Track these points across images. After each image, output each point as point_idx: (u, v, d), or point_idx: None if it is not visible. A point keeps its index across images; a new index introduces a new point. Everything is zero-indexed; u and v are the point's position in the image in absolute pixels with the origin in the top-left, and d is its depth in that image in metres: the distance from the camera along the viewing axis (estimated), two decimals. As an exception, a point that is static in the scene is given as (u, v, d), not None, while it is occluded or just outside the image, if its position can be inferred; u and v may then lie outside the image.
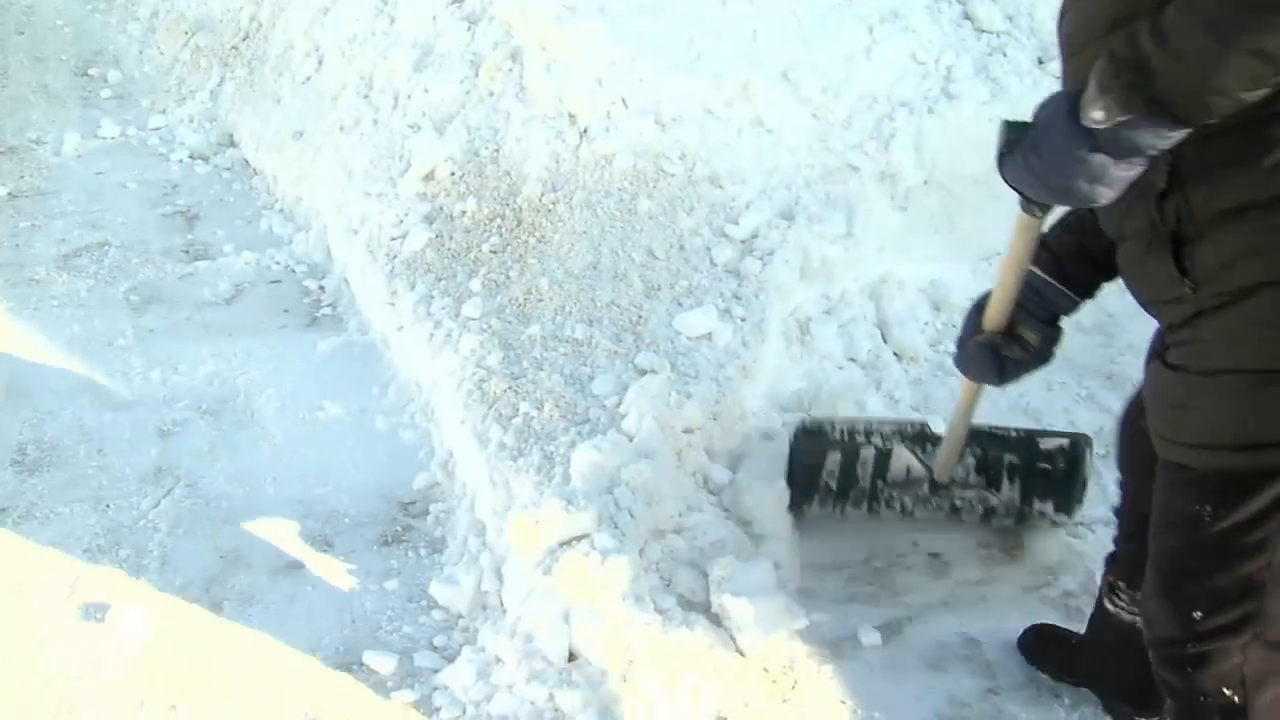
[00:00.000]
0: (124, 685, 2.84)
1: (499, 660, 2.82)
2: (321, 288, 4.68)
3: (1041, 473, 3.24)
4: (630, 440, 3.15)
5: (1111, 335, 4.07)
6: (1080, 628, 2.81)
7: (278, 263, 4.87)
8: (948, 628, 3.03)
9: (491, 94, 4.52)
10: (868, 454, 3.25)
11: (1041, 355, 2.44)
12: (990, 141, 2.32)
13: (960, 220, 4.19)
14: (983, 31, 4.51)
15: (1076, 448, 3.22)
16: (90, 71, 7.06)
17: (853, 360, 3.86)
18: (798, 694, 2.83)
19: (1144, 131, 1.71)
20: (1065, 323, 2.45)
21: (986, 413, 3.00)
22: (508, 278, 3.88)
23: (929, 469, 3.24)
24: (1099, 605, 2.66)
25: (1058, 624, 2.93)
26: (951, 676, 2.89)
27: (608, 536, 2.91)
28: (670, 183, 4.05)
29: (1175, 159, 1.81)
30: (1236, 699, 2.01)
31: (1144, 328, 2.20)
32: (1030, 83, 4.33)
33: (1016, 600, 3.12)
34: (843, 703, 2.81)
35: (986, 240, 4.00)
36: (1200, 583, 1.98)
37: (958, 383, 2.95)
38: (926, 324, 4.04)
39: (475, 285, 3.87)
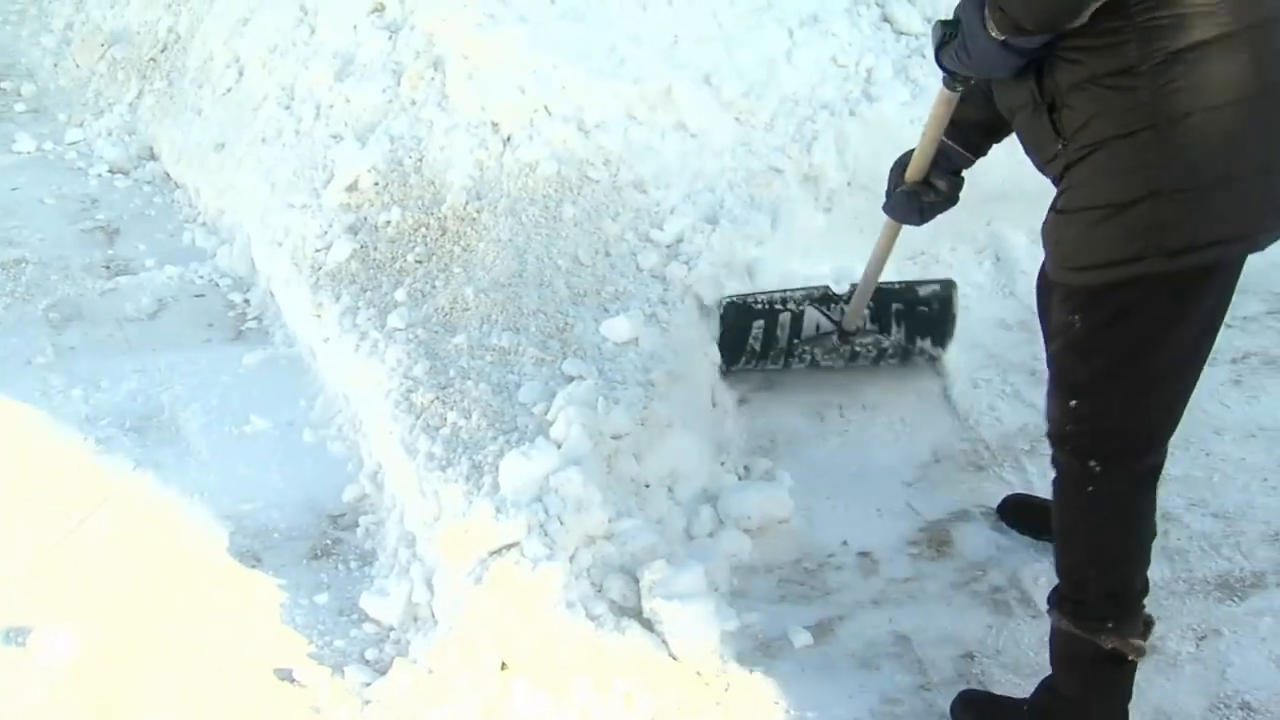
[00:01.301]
0: (48, 708, 2.79)
1: (432, 672, 2.80)
2: (246, 301, 4.62)
3: (921, 314, 3.89)
4: (559, 448, 3.15)
5: (1035, 333, 4.07)
6: (1006, 621, 2.85)
7: (201, 276, 4.78)
8: (878, 626, 3.06)
9: (414, 103, 4.50)
10: (784, 318, 3.80)
11: (951, 199, 2.99)
12: (911, 143, 2.70)
13: (884, 220, 4.22)
14: (902, 34, 4.55)
15: (946, 289, 3.89)
16: (2, 85, 6.91)
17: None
18: (731, 696, 2.85)
19: (1020, 39, 2.28)
20: (990, 322, 2.73)
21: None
22: (433, 287, 3.87)
23: (834, 323, 3.81)
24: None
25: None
26: (883, 674, 2.92)
27: (538, 544, 2.91)
28: (594, 189, 4.06)
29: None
30: (1098, 469, 2.49)
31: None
32: (949, 83, 4.37)
33: (945, 596, 3.16)
34: (776, 703, 2.83)
35: (910, 239, 4.03)
36: (1071, 377, 2.49)
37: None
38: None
39: (400, 295, 3.85)
